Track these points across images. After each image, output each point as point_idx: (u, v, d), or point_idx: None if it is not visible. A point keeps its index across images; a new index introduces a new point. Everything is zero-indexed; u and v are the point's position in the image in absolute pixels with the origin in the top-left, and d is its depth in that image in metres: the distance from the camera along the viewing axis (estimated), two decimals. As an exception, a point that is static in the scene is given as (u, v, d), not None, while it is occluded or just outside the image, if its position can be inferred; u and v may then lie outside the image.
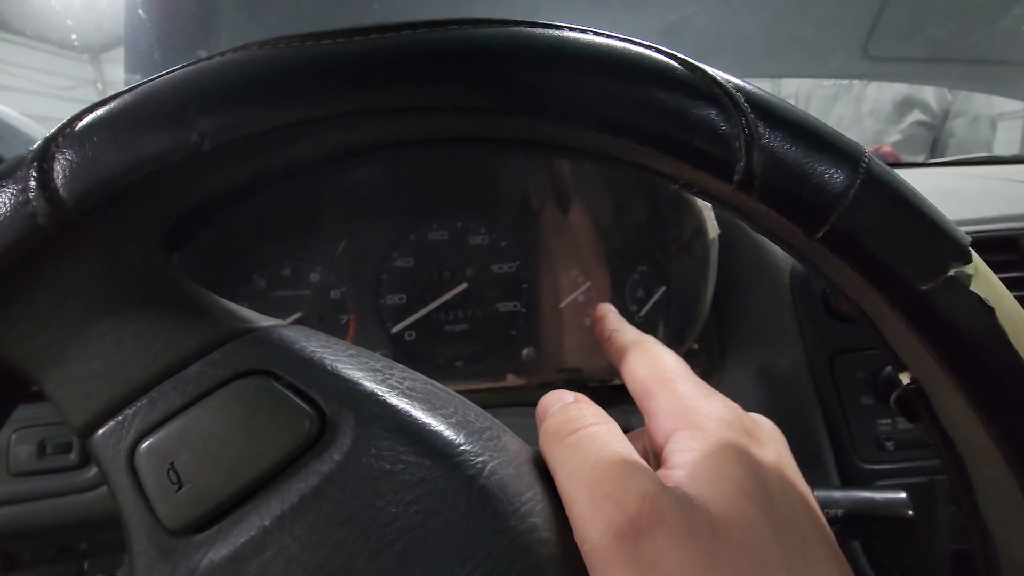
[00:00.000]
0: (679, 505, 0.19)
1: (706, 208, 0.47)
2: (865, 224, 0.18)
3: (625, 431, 0.45)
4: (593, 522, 0.19)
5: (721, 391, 0.47)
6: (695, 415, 0.23)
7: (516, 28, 0.18)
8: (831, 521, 0.33)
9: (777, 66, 0.88)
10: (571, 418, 0.23)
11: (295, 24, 0.84)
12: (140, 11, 0.69)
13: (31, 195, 0.17)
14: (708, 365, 0.51)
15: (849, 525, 0.33)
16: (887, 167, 0.19)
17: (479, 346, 0.50)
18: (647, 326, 0.52)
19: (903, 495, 0.33)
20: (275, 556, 0.18)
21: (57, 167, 0.17)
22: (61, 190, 0.17)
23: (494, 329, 0.50)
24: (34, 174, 0.17)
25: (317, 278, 0.48)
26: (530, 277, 0.51)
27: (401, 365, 0.22)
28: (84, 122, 0.18)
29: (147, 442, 0.18)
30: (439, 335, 0.50)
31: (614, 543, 0.18)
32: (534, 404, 0.47)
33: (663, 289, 0.52)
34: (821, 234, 0.18)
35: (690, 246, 0.49)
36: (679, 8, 0.87)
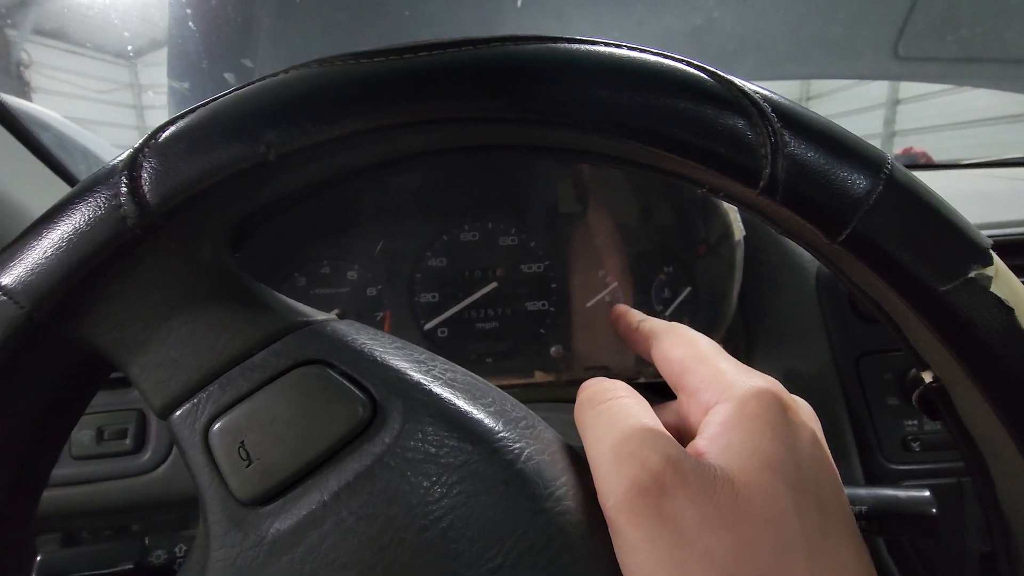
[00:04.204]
0: (702, 470, 0.20)
1: (732, 210, 0.47)
2: (885, 228, 0.19)
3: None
4: (618, 479, 0.20)
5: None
6: (735, 389, 0.23)
7: (554, 45, 0.20)
8: (856, 518, 0.34)
9: (804, 68, 0.88)
10: (603, 389, 0.24)
11: (330, 31, 0.87)
12: (184, 19, 0.72)
13: (122, 200, 0.19)
14: (733, 365, 0.51)
15: (873, 521, 0.34)
16: (910, 173, 0.20)
17: (509, 343, 0.52)
18: (673, 326, 0.53)
19: (927, 493, 0.33)
20: (333, 527, 0.19)
21: (144, 175, 0.19)
22: (148, 195, 0.19)
23: (523, 327, 0.52)
24: (125, 181, 0.19)
25: (354, 276, 0.50)
26: (558, 277, 0.52)
27: (442, 358, 0.24)
28: (166, 135, 0.20)
29: (219, 423, 0.20)
30: (470, 332, 0.52)
31: (637, 498, 0.19)
32: (562, 400, 0.48)
33: (689, 290, 0.52)
34: (842, 237, 0.19)
35: (716, 247, 0.50)
36: (705, 11, 0.87)
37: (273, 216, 0.25)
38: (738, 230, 0.47)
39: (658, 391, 0.55)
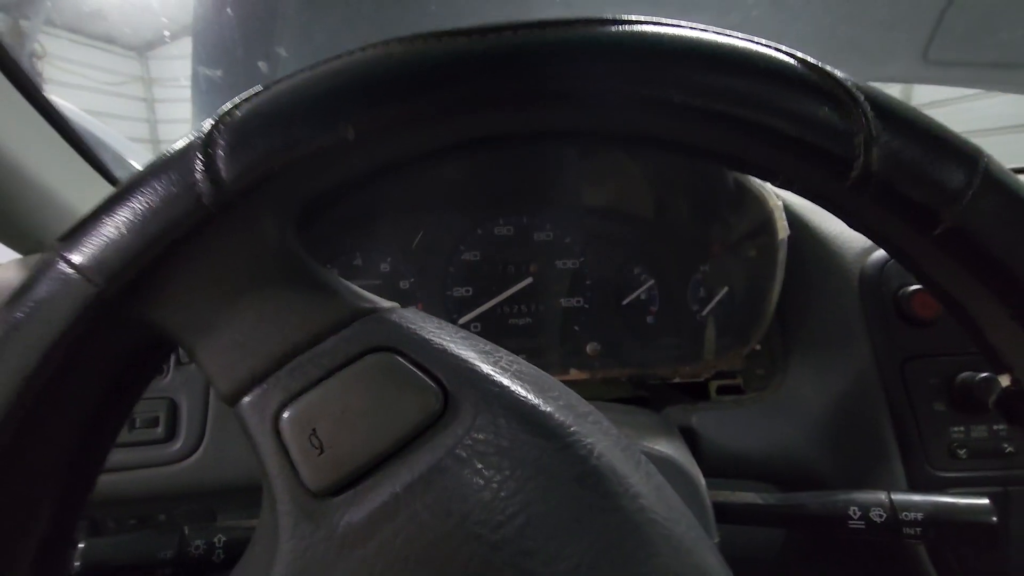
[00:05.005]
0: None
1: (776, 208, 0.47)
2: (982, 224, 0.19)
3: (686, 430, 0.45)
4: None
5: (784, 394, 0.48)
6: None
7: (641, 28, 0.19)
8: (909, 524, 0.33)
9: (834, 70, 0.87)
10: None
11: (355, 21, 0.86)
12: (219, 7, 0.72)
13: (198, 176, 0.18)
14: (771, 366, 0.50)
15: (929, 529, 0.33)
16: (1006, 168, 0.19)
17: (542, 340, 0.51)
18: (709, 326, 0.52)
19: (986, 501, 0.33)
20: (407, 521, 0.19)
21: (220, 152, 0.19)
22: (223, 172, 0.19)
23: (557, 324, 0.51)
24: (200, 158, 0.19)
25: (387, 269, 0.50)
26: (594, 273, 0.51)
27: (504, 349, 0.23)
28: (242, 112, 0.19)
29: (290, 410, 0.20)
30: (503, 327, 0.51)
31: None
32: (598, 398, 0.48)
33: (726, 289, 0.52)
34: (936, 233, 0.19)
35: (757, 247, 0.49)
36: (735, 11, 0.86)
37: (338, 201, 0.24)
38: (782, 229, 0.46)
39: (691, 391, 0.55)
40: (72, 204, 0.59)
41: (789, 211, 0.48)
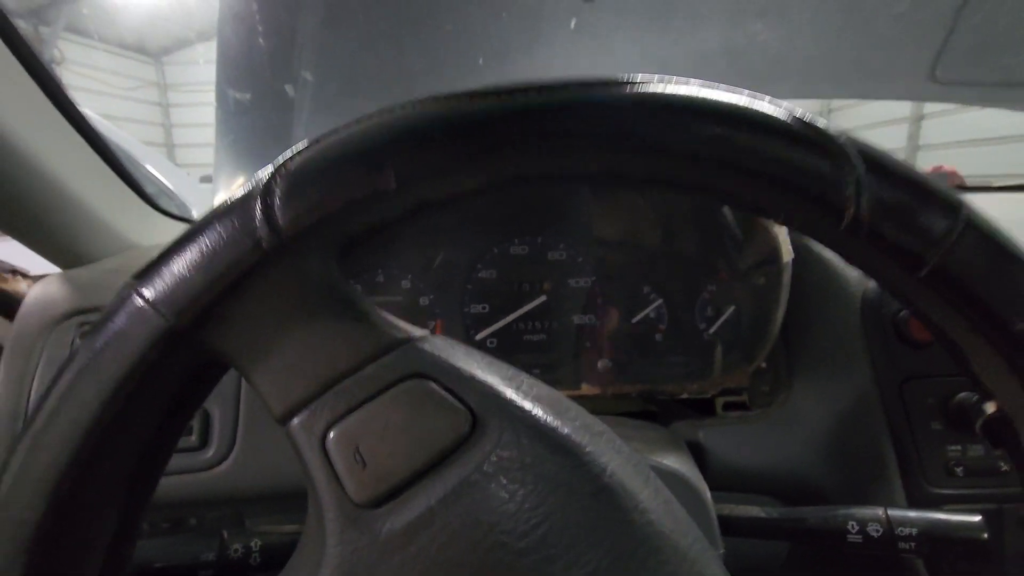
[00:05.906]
0: None
1: (781, 232, 0.49)
2: (964, 266, 0.21)
3: (693, 445, 0.47)
4: None
5: (787, 411, 0.49)
6: None
7: (661, 89, 0.21)
8: (904, 540, 0.35)
9: (842, 89, 0.89)
10: None
11: (372, 42, 0.89)
12: (250, 34, 0.74)
13: (257, 223, 0.21)
14: (775, 384, 0.52)
15: (923, 545, 0.35)
16: (985, 215, 0.21)
17: (555, 355, 0.53)
18: (716, 344, 0.54)
19: (978, 518, 0.34)
20: (440, 530, 0.21)
21: (278, 201, 0.21)
22: (280, 219, 0.21)
23: (570, 340, 0.53)
24: (259, 206, 0.21)
25: (408, 286, 0.52)
26: (605, 292, 0.54)
27: (525, 374, 0.25)
28: (296, 162, 0.22)
29: (336, 429, 0.22)
30: (518, 343, 0.53)
31: None
32: (608, 413, 0.50)
33: (732, 309, 0.54)
34: (923, 274, 0.21)
35: (762, 268, 0.51)
36: (743, 33, 0.88)
37: (377, 235, 0.27)
38: (787, 252, 0.48)
39: (698, 407, 0.57)
40: (107, 220, 0.62)
41: (793, 236, 0.50)
